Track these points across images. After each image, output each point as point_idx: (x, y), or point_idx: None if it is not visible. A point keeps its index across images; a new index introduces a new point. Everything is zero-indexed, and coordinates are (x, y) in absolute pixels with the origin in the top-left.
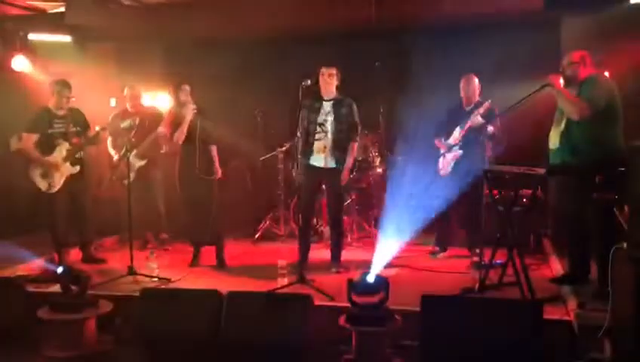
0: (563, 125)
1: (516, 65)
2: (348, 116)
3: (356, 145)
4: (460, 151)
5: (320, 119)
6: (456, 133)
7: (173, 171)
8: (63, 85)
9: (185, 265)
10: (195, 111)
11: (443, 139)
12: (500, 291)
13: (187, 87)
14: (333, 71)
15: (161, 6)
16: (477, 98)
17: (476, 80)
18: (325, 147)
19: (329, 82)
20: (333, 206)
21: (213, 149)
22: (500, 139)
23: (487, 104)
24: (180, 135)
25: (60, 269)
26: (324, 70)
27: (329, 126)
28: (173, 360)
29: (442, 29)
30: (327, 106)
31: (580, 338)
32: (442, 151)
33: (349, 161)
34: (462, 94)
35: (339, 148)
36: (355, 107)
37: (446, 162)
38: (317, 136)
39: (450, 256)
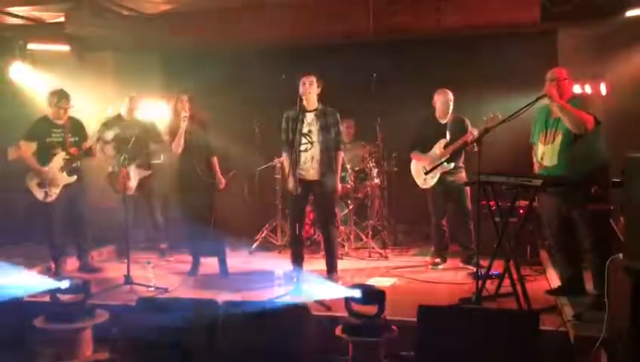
0: (559, 141)
1: (513, 77)
2: (333, 126)
3: (342, 154)
4: (452, 164)
5: (304, 130)
6: (440, 149)
7: (172, 182)
8: (60, 97)
9: (182, 275)
10: (188, 119)
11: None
12: (496, 302)
13: (183, 97)
14: (313, 79)
15: (159, 16)
16: (450, 111)
17: (450, 94)
18: (313, 157)
19: (310, 91)
20: (324, 221)
21: (214, 160)
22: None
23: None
24: (177, 146)
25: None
26: (304, 79)
27: (314, 136)
28: None
29: (439, 40)
30: (310, 116)
31: (576, 349)
32: (425, 165)
33: (338, 171)
34: (436, 107)
35: (326, 158)
36: (338, 116)
37: (427, 175)
38: (303, 147)
39: (448, 267)
